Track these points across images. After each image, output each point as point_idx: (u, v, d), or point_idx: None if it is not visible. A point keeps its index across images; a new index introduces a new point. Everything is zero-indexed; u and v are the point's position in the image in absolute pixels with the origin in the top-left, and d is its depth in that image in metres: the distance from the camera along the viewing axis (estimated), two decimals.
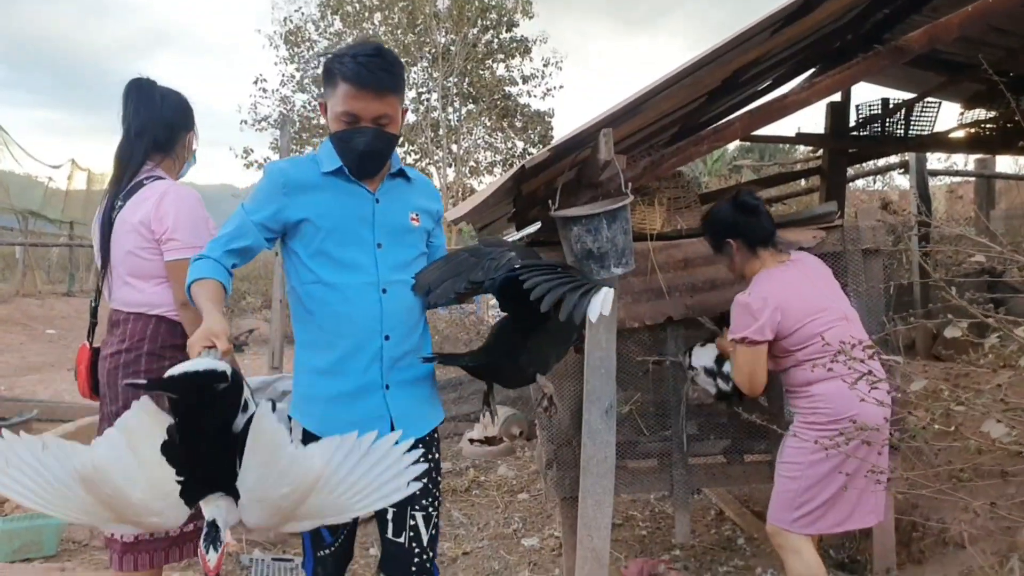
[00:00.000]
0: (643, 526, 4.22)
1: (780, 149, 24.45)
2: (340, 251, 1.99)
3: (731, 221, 2.82)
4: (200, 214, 2.30)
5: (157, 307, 2.27)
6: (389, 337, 2.01)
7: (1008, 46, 5.14)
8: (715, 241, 2.91)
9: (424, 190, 2.20)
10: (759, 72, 4.91)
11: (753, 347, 2.61)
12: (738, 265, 2.85)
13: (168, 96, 2.40)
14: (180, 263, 2.20)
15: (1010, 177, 7.57)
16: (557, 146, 2.71)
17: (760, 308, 2.60)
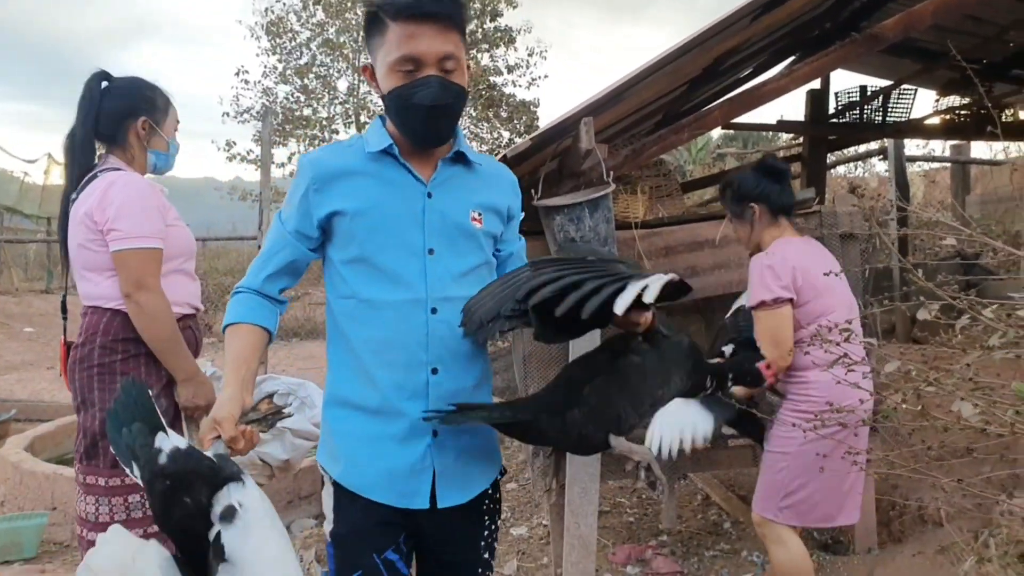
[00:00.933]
0: (631, 512, 4.26)
1: (763, 137, 24.55)
2: (381, 257, 1.58)
3: (756, 185, 2.68)
4: (150, 203, 2.21)
5: (111, 300, 2.21)
6: (437, 370, 1.58)
7: (983, 34, 5.21)
8: (737, 206, 2.73)
9: (493, 179, 1.73)
10: (740, 60, 4.95)
11: (779, 308, 2.49)
12: (756, 233, 2.71)
13: (117, 86, 2.33)
14: (122, 254, 2.14)
15: (984, 162, 7.66)
16: (538, 136, 2.73)
17: (781, 267, 2.51)
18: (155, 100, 2.35)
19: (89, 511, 2.15)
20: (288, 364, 9.87)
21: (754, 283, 2.57)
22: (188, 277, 2.37)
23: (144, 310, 2.12)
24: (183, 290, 2.32)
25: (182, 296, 2.30)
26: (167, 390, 2.23)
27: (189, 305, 2.34)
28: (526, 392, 3.45)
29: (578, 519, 3.11)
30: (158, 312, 2.14)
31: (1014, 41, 5.19)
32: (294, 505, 4.29)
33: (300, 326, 12.54)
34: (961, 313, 1.65)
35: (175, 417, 2.25)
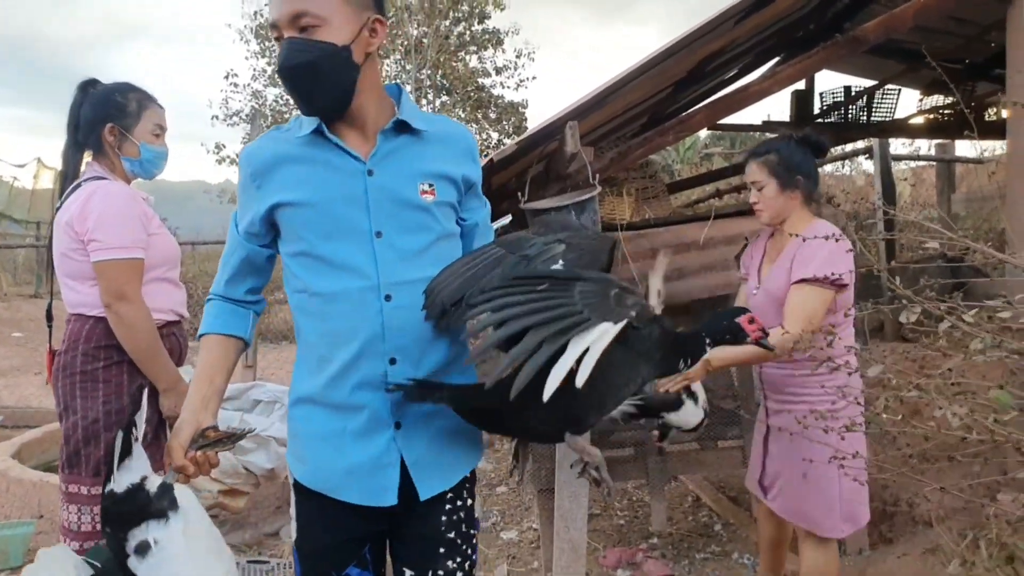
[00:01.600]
0: (621, 515, 4.27)
1: (750, 136, 24.64)
2: (326, 246, 1.50)
3: (804, 160, 2.50)
4: (130, 213, 2.21)
5: (94, 307, 2.21)
6: (395, 360, 1.49)
7: (964, 34, 5.24)
8: (785, 176, 2.48)
9: (446, 143, 1.58)
10: (725, 61, 4.97)
11: (830, 289, 2.32)
12: (787, 207, 2.51)
13: (93, 93, 2.32)
14: (102, 264, 2.15)
15: (969, 161, 7.71)
16: (524, 139, 2.73)
17: (847, 250, 2.32)
18: (126, 105, 2.31)
19: (72, 520, 2.14)
20: (278, 367, 9.83)
21: (817, 255, 2.33)
22: (172, 285, 2.38)
23: (123, 320, 2.12)
24: (167, 298, 2.33)
25: (166, 304, 2.31)
26: (150, 399, 2.21)
27: (173, 312, 2.34)
28: None
29: (568, 523, 3.11)
30: (137, 322, 2.15)
31: (995, 41, 5.22)
32: (282, 511, 4.26)
33: (290, 329, 12.48)
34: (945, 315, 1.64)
35: (159, 425, 2.24)
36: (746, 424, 3.36)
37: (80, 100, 2.31)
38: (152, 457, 2.18)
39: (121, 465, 1.38)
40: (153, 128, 2.36)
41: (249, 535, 4.10)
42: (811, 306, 2.32)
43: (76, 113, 2.30)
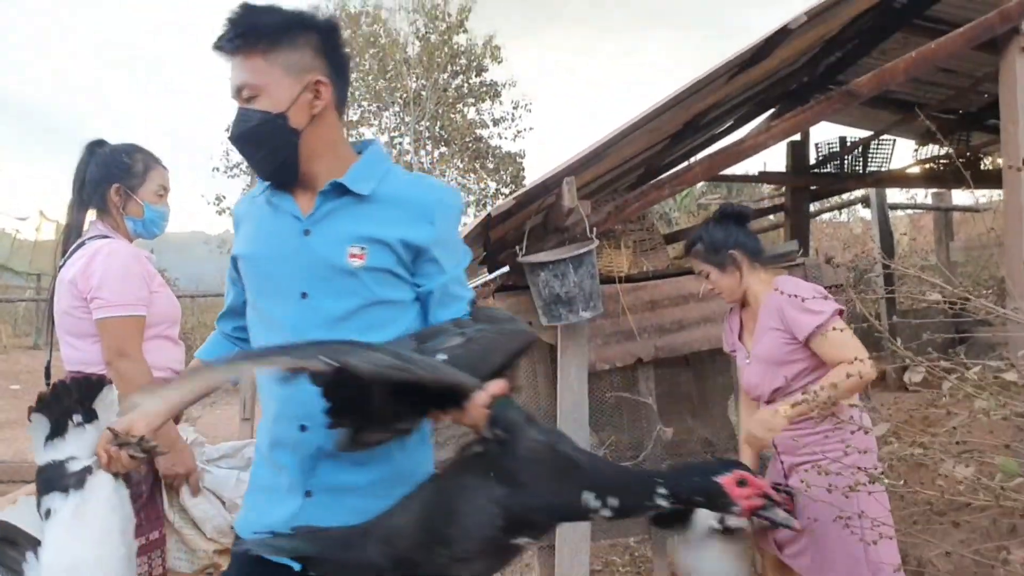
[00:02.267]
0: (623, 571, 4.18)
1: (747, 185, 24.86)
2: (261, 302, 1.53)
3: (728, 233, 2.53)
4: (132, 271, 2.23)
5: (93, 365, 2.21)
6: (306, 427, 1.46)
7: (957, 85, 5.32)
8: (718, 258, 2.53)
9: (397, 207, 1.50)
10: (720, 114, 5.04)
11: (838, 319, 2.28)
12: (743, 280, 2.52)
13: (99, 153, 2.36)
14: (104, 322, 2.16)
15: (967, 209, 7.76)
16: (522, 194, 2.75)
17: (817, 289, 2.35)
18: (132, 166, 2.35)
19: None
20: None
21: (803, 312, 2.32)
22: (171, 342, 2.39)
23: (124, 377, 2.11)
24: (165, 355, 2.34)
25: (164, 361, 2.32)
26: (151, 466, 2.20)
27: (171, 370, 2.34)
28: None
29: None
30: (138, 379, 2.14)
31: (987, 92, 5.30)
32: None
33: None
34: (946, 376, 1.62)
35: (154, 484, 2.22)
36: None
37: (87, 159, 2.35)
38: (148, 516, 2.16)
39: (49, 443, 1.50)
40: (157, 189, 2.40)
41: None
42: (841, 346, 2.27)
43: (83, 172, 2.34)
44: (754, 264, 2.54)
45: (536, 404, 3.24)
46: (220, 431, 8.75)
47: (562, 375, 2.99)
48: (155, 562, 2.16)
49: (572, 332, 2.98)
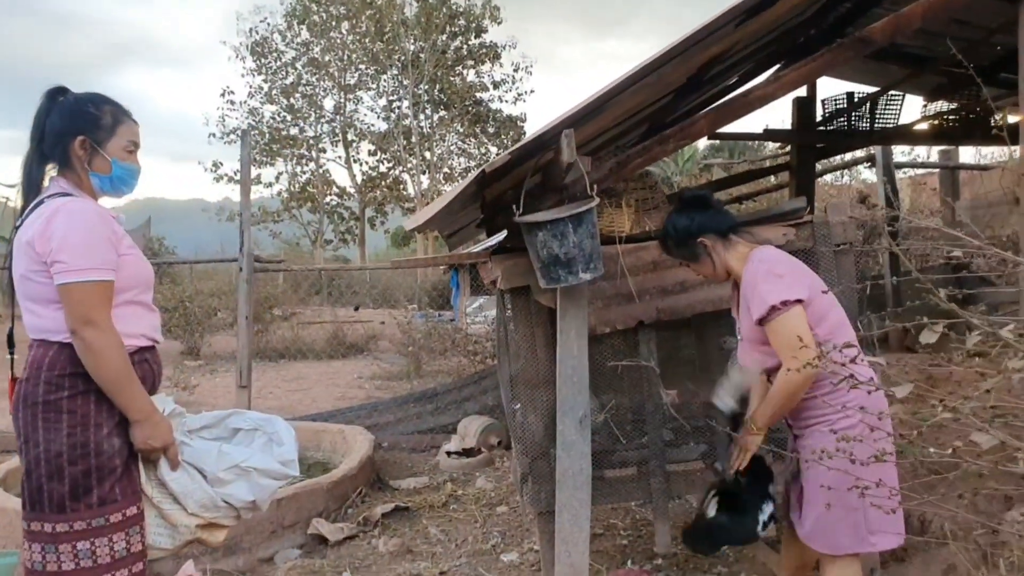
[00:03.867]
0: (624, 535, 4.13)
1: (748, 147, 24.62)
2: None
3: (691, 221, 2.54)
4: (97, 232, 2.04)
5: (57, 332, 2.04)
6: None
7: (969, 37, 5.14)
8: (688, 250, 2.58)
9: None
10: (725, 69, 4.88)
11: (793, 308, 2.28)
12: (720, 263, 2.54)
13: (63, 102, 2.16)
14: (67, 287, 1.98)
15: (973, 167, 7.61)
16: (517, 149, 2.62)
17: (786, 268, 2.34)
18: (100, 118, 2.15)
19: (36, 560, 2.00)
20: (275, 386, 9.71)
21: (755, 290, 2.35)
22: (145, 308, 2.20)
23: (91, 347, 1.97)
24: (140, 322, 2.16)
25: (138, 328, 2.14)
26: (120, 429, 2.07)
27: (146, 337, 2.17)
28: (511, 413, 3.33)
29: (569, 547, 2.98)
30: (106, 349, 1.98)
31: (1001, 44, 5.13)
32: (277, 535, 4.15)
33: (287, 347, 12.37)
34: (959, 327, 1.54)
35: (130, 458, 2.10)
36: None
37: (47, 108, 2.14)
38: (124, 491, 2.06)
39: None
40: (127, 144, 2.19)
41: (243, 561, 3.98)
42: (787, 332, 2.28)
43: (42, 122, 2.13)
44: (728, 242, 2.54)
45: (535, 369, 3.15)
46: (219, 399, 8.74)
47: (562, 339, 2.90)
48: (133, 538, 2.05)
49: (572, 294, 2.88)
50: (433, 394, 7.20)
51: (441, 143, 29.55)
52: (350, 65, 28.91)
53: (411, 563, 3.97)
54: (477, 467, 5.65)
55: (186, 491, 2.07)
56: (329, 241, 31.33)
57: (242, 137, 6.07)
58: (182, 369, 9.72)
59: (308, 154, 29.68)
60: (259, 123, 28.68)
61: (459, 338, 9.06)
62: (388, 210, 31.11)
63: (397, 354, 10.95)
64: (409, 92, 27.71)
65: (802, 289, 2.32)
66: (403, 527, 4.50)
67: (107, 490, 2.01)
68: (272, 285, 14.31)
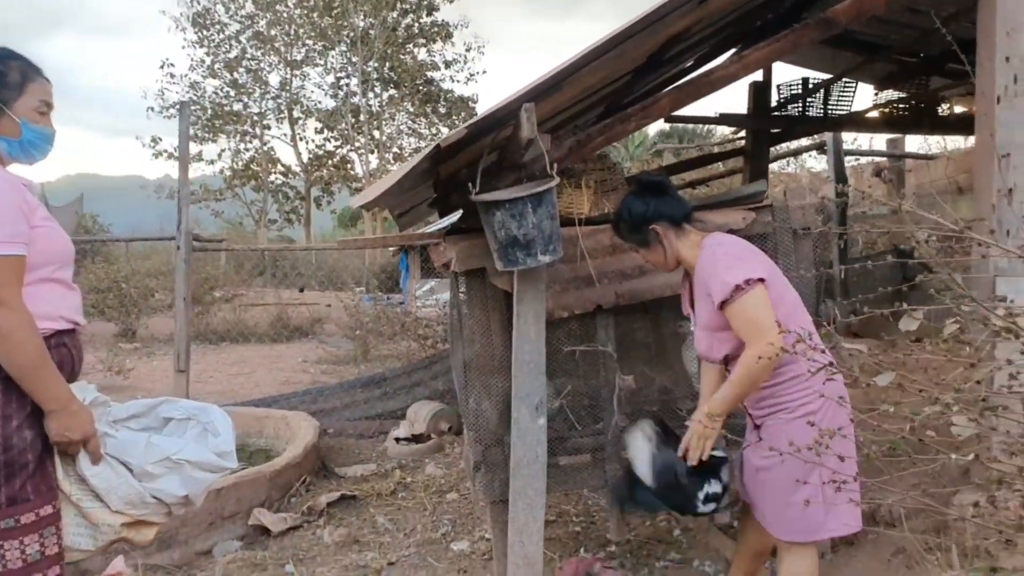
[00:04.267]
0: (576, 521, 4.07)
1: (698, 134, 24.83)
2: None
3: (646, 206, 2.49)
4: (7, 202, 1.83)
5: None
6: None
7: (922, 26, 5.17)
8: (640, 235, 2.53)
9: None
10: (683, 50, 4.81)
11: (753, 288, 2.23)
12: (670, 251, 2.50)
13: None
14: None
15: (919, 157, 7.73)
16: (474, 123, 2.50)
17: (744, 250, 2.31)
18: (6, 74, 1.94)
19: None
20: (216, 370, 9.42)
21: (715, 272, 2.30)
22: (64, 287, 1.99)
23: (0, 330, 1.78)
24: (58, 302, 1.96)
25: (55, 309, 1.94)
26: (33, 420, 1.88)
27: (64, 319, 1.96)
28: (464, 400, 3.23)
29: (523, 537, 2.90)
30: (16, 331, 1.78)
31: (952, 34, 5.16)
32: (216, 527, 3.97)
33: (229, 329, 12.03)
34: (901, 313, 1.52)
35: (44, 452, 1.90)
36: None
37: None
38: (37, 489, 1.87)
39: None
40: (38, 104, 1.99)
41: (178, 555, 3.80)
42: (750, 313, 2.25)
43: None
44: (681, 230, 2.50)
45: (490, 354, 3.04)
46: (156, 384, 8.43)
47: (518, 323, 2.80)
48: (48, 540, 1.86)
49: (529, 278, 2.77)
50: (381, 379, 7.04)
51: (391, 122, 29.09)
52: (297, 40, 28.20)
53: (358, 554, 3.85)
54: (426, 453, 5.54)
55: (109, 487, 1.88)
56: (273, 221, 30.62)
57: (181, 109, 5.79)
58: (116, 352, 9.34)
59: (252, 131, 28.92)
60: (201, 98, 27.83)
61: (409, 322, 8.89)
62: (335, 190, 30.54)
63: (344, 338, 10.73)
64: (358, 69, 27.17)
65: (763, 269, 2.29)
66: (349, 516, 4.37)
67: (17, 488, 1.81)
68: (213, 265, 13.91)
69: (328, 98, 29.12)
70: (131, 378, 8.48)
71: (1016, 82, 2.81)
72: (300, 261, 16.28)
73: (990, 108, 2.87)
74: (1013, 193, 2.78)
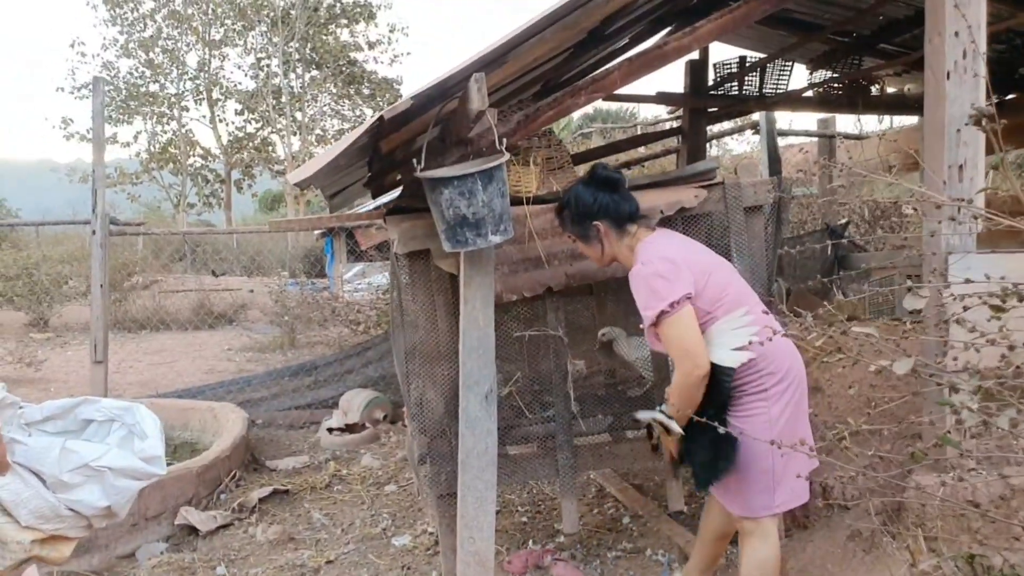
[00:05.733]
0: (523, 511, 3.96)
1: (622, 117, 24.97)
2: None
3: (594, 200, 2.45)
4: None
5: None
6: None
7: (855, 6, 5.19)
8: (578, 227, 2.51)
9: None
10: (619, 28, 4.71)
11: (679, 310, 2.23)
12: (607, 251, 2.50)
13: None
14: None
15: (851, 137, 7.86)
16: (420, 94, 2.32)
17: (668, 267, 2.27)
18: None
19: None
20: (135, 359, 8.95)
21: (642, 293, 2.29)
22: None
23: None
24: None
25: None
26: None
27: None
28: (407, 389, 3.06)
29: (473, 532, 2.76)
30: None
31: (883, 14, 5.21)
32: (139, 528, 3.71)
33: (149, 317, 11.48)
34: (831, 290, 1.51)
35: None
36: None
37: None
38: None
39: None
40: None
41: (98, 560, 3.54)
42: (678, 339, 2.26)
43: None
44: (623, 231, 2.46)
45: (435, 341, 2.89)
46: (71, 376, 7.96)
47: (466, 308, 2.64)
48: None
49: (477, 259, 2.62)
50: (312, 367, 6.79)
51: (313, 104, 28.33)
52: (215, 20, 27.16)
53: (293, 552, 3.65)
54: (361, 444, 5.34)
55: (18, 500, 1.66)
56: (192, 205, 29.54)
57: (94, 86, 5.40)
58: (27, 343, 8.79)
59: (169, 112, 27.78)
60: (115, 78, 26.57)
61: (340, 307, 8.62)
62: (256, 173, 29.64)
63: (269, 324, 10.36)
64: (279, 50, 26.35)
65: (687, 283, 2.26)
66: (283, 512, 4.16)
67: None
68: (131, 251, 13.26)
69: (248, 79, 28.20)
70: (43, 370, 7.97)
71: (965, 57, 2.79)
72: (222, 245, 15.71)
73: (940, 84, 2.84)
74: (963, 169, 2.77)
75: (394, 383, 5.86)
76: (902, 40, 5.46)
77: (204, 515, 3.93)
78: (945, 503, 2.49)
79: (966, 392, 1.12)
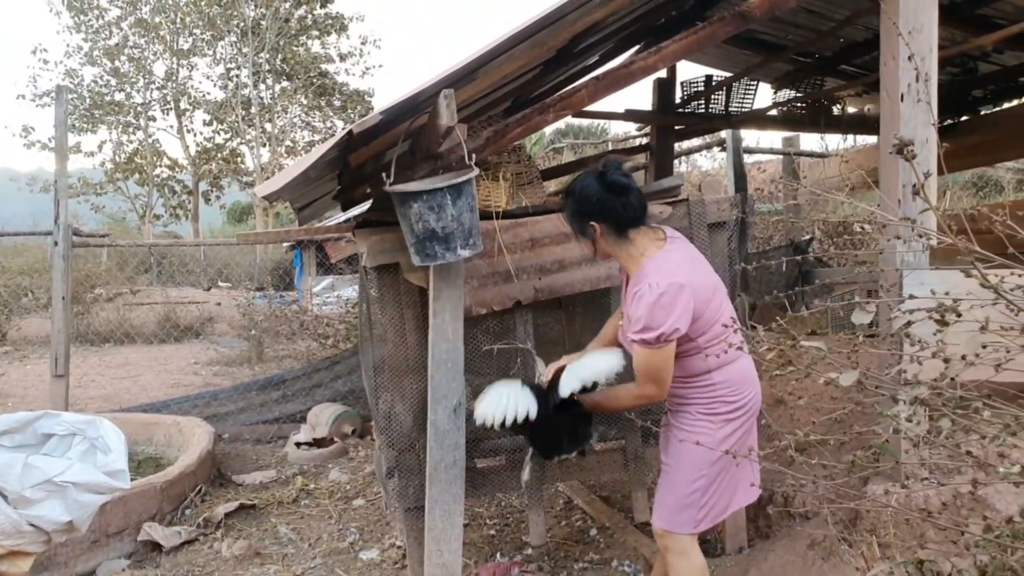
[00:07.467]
0: (491, 524, 3.97)
1: (593, 132, 25.20)
2: None
3: (598, 202, 2.35)
4: None
5: None
6: None
7: (817, 28, 5.33)
8: (576, 222, 2.43)
9: None
10: (589, 46, 4.78)
11: (665, 346, 2.24)
12: (600, 251, 2.45)
13: None
14: None
15: (814, 155, 8.03)
16: (390, 109, 2.35)
17: (674, 297, 2.21)
18: None
19: None
20: (98, 373, 8.81)
21: (641, 315, 2.25)
22: None
23: None
24: None
25: None
26: None
27: None
28: (376, 402, 3.07)
29: (441, 546, 2.77)
30: None
31: (844, 36, 5.36)
32: (100, 545, 3.66)
33: (112, 330, 11.30)
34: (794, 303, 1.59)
35: None
36: (626, 425, 3.17)
37: None
38: None
39: None
40: None
41: None
42: (651, 368, 2.30)
43: None
44: (622, 237, 2.39)
45: (404, 354, 2.90)
46: (30, 390, 7.81)
47: (435, 321, 2.66)
48: None
49: (446, 273, 2.64)
50: (280, 380, 6.73)
51: (283, 115, 28.17)
52: (184, 29, 26.93)
53: (260, 567, 3.62)
54: (330, 458, 5.31)
55: None
56: (159, 216, 29.15)
57: (57, 94, 5.34)
58: None
59: (136, 122, 27.42)
60: (79, 86, 26.20)
61: (309, 320, 8.56)
62: (224, 184, 29.34)
63: (236, 337, 10.26)
64: (249, 60, 26.20)
65: (684, 318, 2.24)
66: (249, 527, 4.12)
67: None
68: (94, 263, 13.07)
69: (217, 89, 27.95)
70: (1, 383, 7.82)
71: (918, 80, 2.88)
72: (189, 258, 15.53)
73: (895, 105, 2.93)
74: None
75: (363, 397, 5.83)
76: (862, 61, 5.61)
77: (168, 531, 3.88)
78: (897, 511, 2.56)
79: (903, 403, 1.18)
